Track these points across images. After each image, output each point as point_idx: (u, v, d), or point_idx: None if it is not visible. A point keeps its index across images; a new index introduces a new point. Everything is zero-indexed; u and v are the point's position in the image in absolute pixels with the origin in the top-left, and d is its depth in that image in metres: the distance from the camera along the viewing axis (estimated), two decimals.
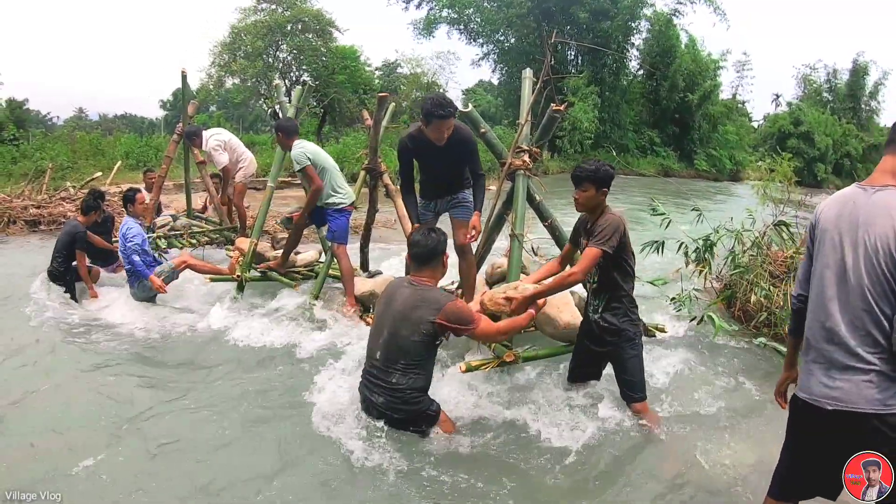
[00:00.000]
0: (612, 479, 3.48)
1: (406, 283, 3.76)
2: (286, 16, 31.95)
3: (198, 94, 33.24)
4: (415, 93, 35.09)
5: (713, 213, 8.14)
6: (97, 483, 3.22)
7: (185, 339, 5.64)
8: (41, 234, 10.63)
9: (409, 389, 3.56)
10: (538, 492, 3.33)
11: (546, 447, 3.70)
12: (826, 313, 2.32)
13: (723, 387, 4.78)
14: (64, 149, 18.29)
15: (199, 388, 4.53)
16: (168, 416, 4.03)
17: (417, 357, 3.57)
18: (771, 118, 54.35)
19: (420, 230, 3.91)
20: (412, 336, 3.52)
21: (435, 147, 4.64)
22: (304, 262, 7.27)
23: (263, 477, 3.32)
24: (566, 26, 35.94)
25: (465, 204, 5.12)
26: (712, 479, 3.50)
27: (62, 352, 5.20)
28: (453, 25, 39.79)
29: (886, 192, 2.26)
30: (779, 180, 7.52)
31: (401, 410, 3.58)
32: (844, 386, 2.24)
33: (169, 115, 54.84)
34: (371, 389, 3.67)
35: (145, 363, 5.07)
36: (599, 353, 4.10)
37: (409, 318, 3.54)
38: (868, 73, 49.36)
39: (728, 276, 6.95)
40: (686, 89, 40.66)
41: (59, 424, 3.87)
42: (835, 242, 2.32)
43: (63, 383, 4.53)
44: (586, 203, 3.87)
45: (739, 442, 3.89)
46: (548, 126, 4.87)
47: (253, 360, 5.12)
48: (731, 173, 42.99)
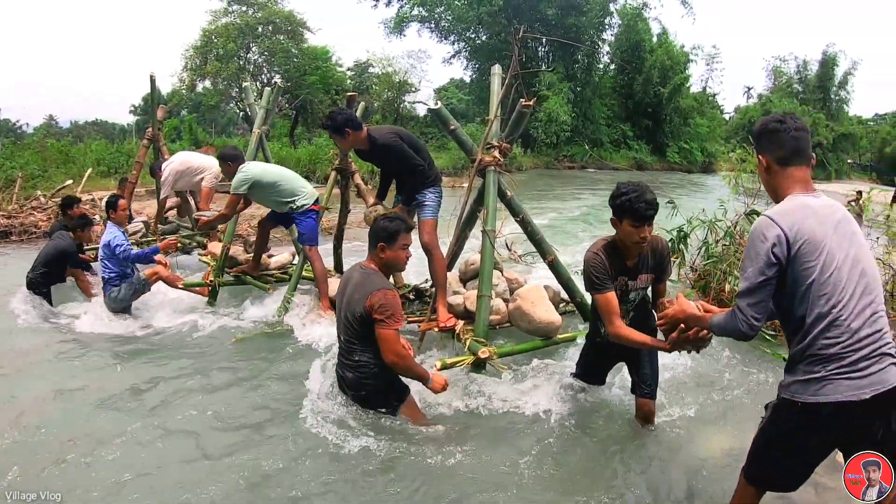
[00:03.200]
0: (599, 474, 3.48)
1: (359, 267, 3.85)
2: (257, 17, 31.83)
3: (170, 98, 33.00)
4: (386, 92, 35.09)
5: (686, 202, 8.21)
6: (97, 483, 3.20)
7: (166, 346, 5.59)
8: (12, 245, 10.44)
9: (371, 364, 3.69)
10: (531, 489, 3.31)
11: (545, 444, 3.71)
12: (857, 313, 2.29)
13: (697, 376, 4.79)
14: (34, 157, 17.92)
15: (192, 389, 4.52)
16: (164, 416, 4.02)
17: (364, 336, 3.66)
18: (742, 110, 55.04)
19: (385, 215, 3.99)
20: (353, 319, 3.64)
21: (365, 152, 5.25)
22: (277, 264, 7.20)
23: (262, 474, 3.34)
24: (535, 23, 36.06)
25: (425, 204, 5.24)
26: (694, 471, 3.51)
27: (53, 358, 5.15)
28: (423, 23, 39.83)
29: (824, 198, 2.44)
30: (750, 170, 7.60)
31: (367, 385, 3.74)
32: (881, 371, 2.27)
33: (140, 121, 54.18)
34: (342, 366, 3.83)
35: (138, 364, 5.04)
36: (615, 356, 3.91)
37: (352, 300, 3.66)
38: (837, 63, 50.10)
39: (702, 266, 7.01)
40: (659, 83, 41.01)
41: (57, 427, 3.84)
42: (833, 247, 2.31)
43: (59, 388, 4.47)
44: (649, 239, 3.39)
45: (718, 433, 3.92)
46: (518, 121, 4.87)
47: (234, 362, 5.09)
48: (703, 165, 43.50)
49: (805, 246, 2.30)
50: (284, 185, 6.10)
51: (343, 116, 5.02)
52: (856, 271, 2.31)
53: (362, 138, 5.04)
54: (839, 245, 2.32)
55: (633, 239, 3.29)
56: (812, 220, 2.33)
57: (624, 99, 42.83)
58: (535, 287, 5.20)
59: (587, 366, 4.10)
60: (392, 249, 3.73)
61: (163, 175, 8.64)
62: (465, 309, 5.10)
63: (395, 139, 5.04)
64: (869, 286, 2.32)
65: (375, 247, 3.74)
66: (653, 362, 3.71)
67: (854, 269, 2.31)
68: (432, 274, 5.16)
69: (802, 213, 2.34)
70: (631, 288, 3.52)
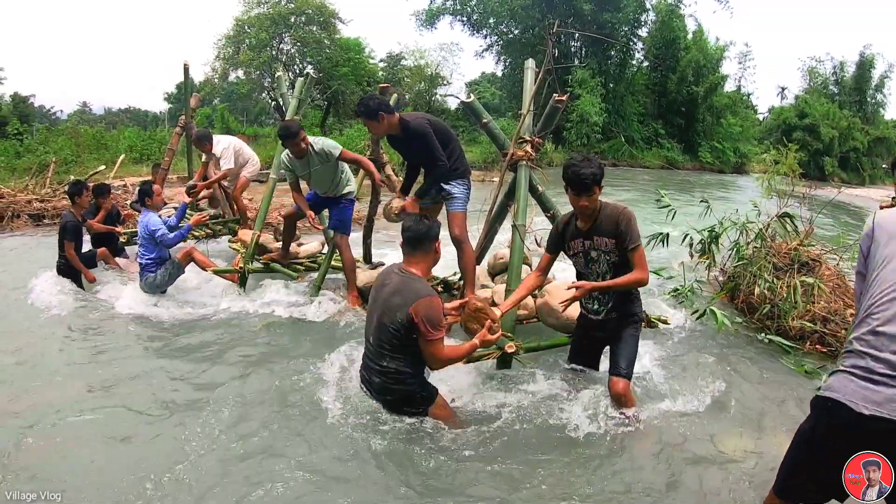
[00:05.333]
0: (611, 472, 3.45)
1: (397, 269, 3.74)
2: (290, 8, 31.95)
3: (202, 87, 33.29)
4: (418, 84, 35.08)
5: (718, 203, 8.10)
6: (97, 482, 3.20)
7: (195, 329, 5.68)
8: (45, 229, 10.65)
9: (399, 372, 3.61)
10: (536, 483, 3.31)
11: (546, 438, 3.70)
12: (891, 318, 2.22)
13: (722, 381, 4.74)
14: (67, 143, 18.24)
15: (211, 381, 4.54)
16: (178, 411, 4.02)
17: (400, 344, 3.57)
18: (776, 111, 54.05)
19: (413, 216, 3.92)
20: (391, 324, 3.53)
21: (397, 139, 5.15)
22: (306, 253, 7.27)
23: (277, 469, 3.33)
24: (569, 18, 35.78)
25: (455, 196, 5.18)
26: (715, 474, 3.48)
27: (66, 348, 5.19)
28: (455, 16, 39.65)
29: None
30: (784, 172, 7.49)
31: (393, 391, 3.66)
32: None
33: (173, 109, 54.77)
34: (369, 370, 3.75)
35: (151, 356, 5.06)
36: (601, 339, 4.10)
37: (391, 304, 3.55)
38: (874, 65, 48.89)
39: (732, 268, 6.93)
40: (693, 82, 40.52)
41: (61, 421, 3.84)
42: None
43: (67, 380, 4.51)
44: (593, 207, 3.71)
45: (742, 437, 3.87)
46: (550, 116, 4.86)
47: (258, 349, 5.14)
48: (736, 166, 42.86)
49: (879, 233, 2.40)
50: (346, 168, 6.25)
51: (376, 101, 4.98)
52: None
53: (395, 123, 4.98)
54: None
55: (574, 205, 3.75)
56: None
57: (657, 96, 42.34)
58: (563, 283, 5.19)
59: (577, 348, 4.33)
60: (435, 250, 3.73)
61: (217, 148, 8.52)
62: (494, 303, 5.11)
63: (425, 124, 4.98)
64: None
65: (417, 249, 3.67)
66: (630, 345, 3.90)
67: None
68: (461, 267, 5.17)
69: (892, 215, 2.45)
70: (590, 248, 3.83)
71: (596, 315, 3.99)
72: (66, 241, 6.64)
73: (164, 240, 6.25)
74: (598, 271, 3.86)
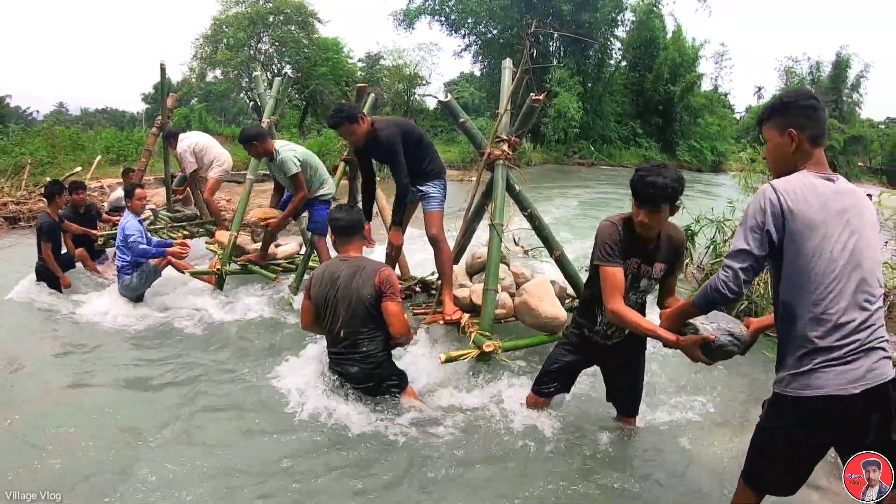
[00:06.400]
0: (585, 473, 3.47)
1: (339, 261, 3.92)
2: (268, 7, 31.80)
3: (180, 87, 33.02)
4: (397, 84, 35.04)
5: (695, 202, 8.17)
6: (97, 482, 3.20)
7: (172, 332, 5.65)
8: (21, 231, 10.50)
9: (379, 352, 3.86)
10: (527, 486, 3.32)
11: (532, 441, 3.70)
12: (847, 307, 2.25)
13: (700, 378, 4.79)
14: (43, 144, 17.94)
15: (192, 378, 4.56)
16: (166, 414, 4.00)
17: (376, 320, 3.82)
18: (754, 110, 54.54)
19: (339, 206, 4.12)
20: (365, 302, 3.76)
21: (363, 148, 4.98)
22: (284, 254, 7.21)
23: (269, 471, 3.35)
24: (548, 18, 35.87)
25: (431, 196, 5.15)
26: (696, 474, 3.50)
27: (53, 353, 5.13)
28: (434, 16, 39.61)
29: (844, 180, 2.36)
30: (760, 170, 7.58)
31: (374, 375, 3.87)
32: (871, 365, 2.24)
33: (150, 109, 54.10)
34: (343, 365, 3.89)
35: (139, 360, 5.01)
36: (601, 364, 3.67)
37: (357, 285, 3.77)
38: (850, 65, 49.37)
39: (709, 265, 6.99)
40: (669, 81, 40.79)
41: (56, 425, 3.81)
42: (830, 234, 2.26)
43: (58, 386, 4.46)
44: (660, 225, 3.09)
45: (727, 433, 3.91)
46: (527, 115, 4.86)
47: (236, 350, 5.14)
48: (713, 164, 43.21)
49: (798, 225, 2.25)
50: (320, 171, 6.27)
51: (341, 113, 4.78)
52: (852, 263, 2.25)
53: (350, 131, 4.79)
54: (838, 233, 2.26)
55: (635, 219, 3.07)
56: (814, 201, 2.27)
57: (635, 96, 42.58)
58: (542, 281, 5.18)
59: (558, 373, 3.68)
60: (365, 237, 4.03)
61: (178, 148, 8.56)
62: (471, 302, 5.09)
63: (395, 140, 4.79)
64: (865, 280, 2.26)
65: (352, 236, 3.94)
66: (642, 380, 3.60)
67: (851, 260, 2.25)
68: (438, 267, 5.14)
69: (805, 193, 2.28)
70: (643, 273, 3.23)
71: (607, 339, 3.46)
72: (43, 243, 6.53)
73: (134, 246, 6.18)
74: (636, 298, 3.32)
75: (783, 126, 2.39)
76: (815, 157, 2.37)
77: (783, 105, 2.42)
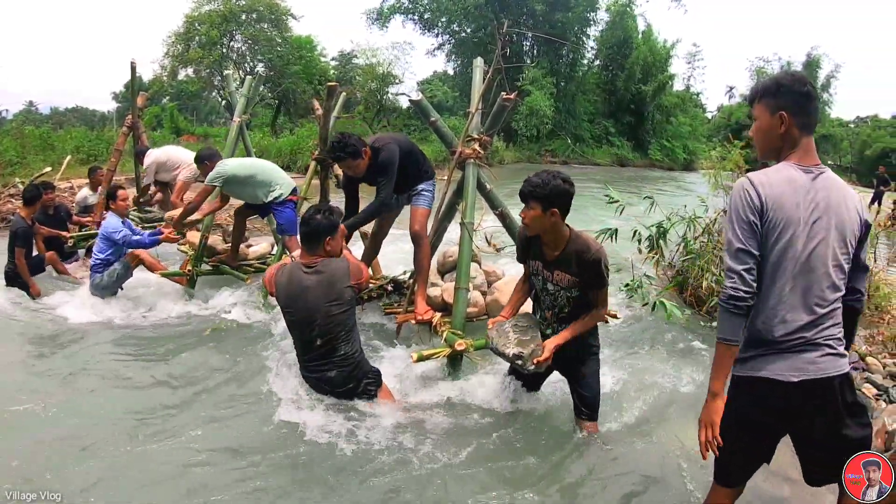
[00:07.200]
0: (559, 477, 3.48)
1: (301, 270, 3.80)
2: (241, 5, 31.51)
3: (151, 85, 32.59)
4: (370, 83, 34.93)
5: (667, 200, 8.24)
6: (97, 482, 3.17)
7: (144, 334, 5.57)
8: None
9: (355, 353, 3.85)
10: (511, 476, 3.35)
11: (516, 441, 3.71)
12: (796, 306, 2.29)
13: (674, 374, 4.83)
14: (12, 143, 17.61)
15: (165, 381, 4.51)
16: (160, 413, 3.99)
17: (351, 323, 3.85)
18: (726, 109, 55.27)
19: (311, 209, 3.97)
20: (342, 309, 3.75)
21: (361, 178, 4.96)
22: (256, 254, 7.17)
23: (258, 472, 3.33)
24: (522, 17, 36.03)
25: (422, 193, 5.16)
26: (668, 468, 3.53)
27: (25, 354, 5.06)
28: (407, 15, 39.56)
29: (828, 174, 2.34)
30: (730, 168, 7.65)
31: (351, 377, 3.83)
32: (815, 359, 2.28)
33: (121, 108, 53.57)
34: (320, 371, 3.84)
35: (127, 359, 4.97)
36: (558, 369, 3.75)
37: (332, 295, 3.72)
38: (821, 66, 50.11)
39: (680, 263, 7.05)
40: (641, 80, 41.14)
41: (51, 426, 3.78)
42: (799, 233, 2.27)
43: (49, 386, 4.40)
44: (533, 224, 3.31)
45: (689, 429, 3.94)
46: (498, 114, 4.87)
47: (208, 353, 5.07)
48: (685, 163, 43.70)
49: (771, 223, 2.27)
50: (261, 178, 6.09)
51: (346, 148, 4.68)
52: (807, 268, 2.27)
53: (352, 165, 4.78)
54: (803, 239, 2.27)
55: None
56: (789, 200, 2.27)
57: (607, 95, 42.90)
58: (513, 280, 5.21)
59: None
60: (335, 240, 3.86)
61: (145, 162, 8.69)
62: (443, 301, 5.11)
63: (393, 160, 4.79)
64: (818, 285, 2.28)
65: (319, 242, 3.81)
66: (592, 385, 3.63)
67: (806, 266, 2.27)
68: (416, 263, 5.12)
69: (782, 188, 2.28)
70: (546, 278, 3.48)
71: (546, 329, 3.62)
72: (17, 248, 6.41)
73: (127, 241, 6.14)
74: (550, 304, 3.55)
75: (774, 108, 2.35)
76: (803, 145, 2.34)
77: (777, 87, 2.35)
